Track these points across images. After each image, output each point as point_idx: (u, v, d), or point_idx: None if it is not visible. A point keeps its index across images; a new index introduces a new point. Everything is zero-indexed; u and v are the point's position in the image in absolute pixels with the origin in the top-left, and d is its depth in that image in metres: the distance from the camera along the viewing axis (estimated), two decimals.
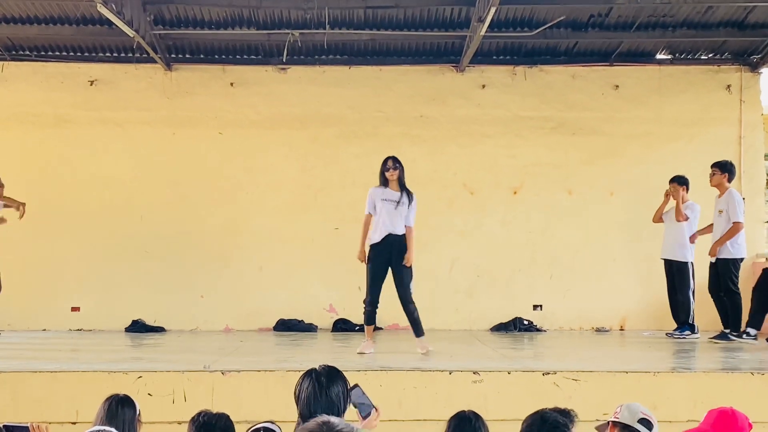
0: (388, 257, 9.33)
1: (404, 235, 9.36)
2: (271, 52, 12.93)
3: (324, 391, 4.33)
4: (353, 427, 3.41)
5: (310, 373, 4.44)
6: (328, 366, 4.52)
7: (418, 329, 9.41)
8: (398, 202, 9.33)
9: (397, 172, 9.39)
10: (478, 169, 13.02)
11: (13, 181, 11.50)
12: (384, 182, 9.47)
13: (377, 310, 9.45)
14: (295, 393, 4.44)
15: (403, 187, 9.45)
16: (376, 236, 9.37)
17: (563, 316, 12.91)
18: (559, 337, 12.16)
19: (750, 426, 4.50)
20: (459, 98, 13.06)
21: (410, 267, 9.35)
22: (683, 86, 13.10)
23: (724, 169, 11.00)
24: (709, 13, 12.04)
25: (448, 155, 12.89)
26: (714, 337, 10.77)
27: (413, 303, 9.35)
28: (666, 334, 11.48)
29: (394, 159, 9.48)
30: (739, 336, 10.59)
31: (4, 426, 4.52)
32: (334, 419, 3.35)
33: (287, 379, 6.97)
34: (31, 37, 12.54)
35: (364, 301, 9.45)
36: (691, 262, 11.35)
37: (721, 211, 10.87)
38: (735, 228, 10.71)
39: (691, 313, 11.29)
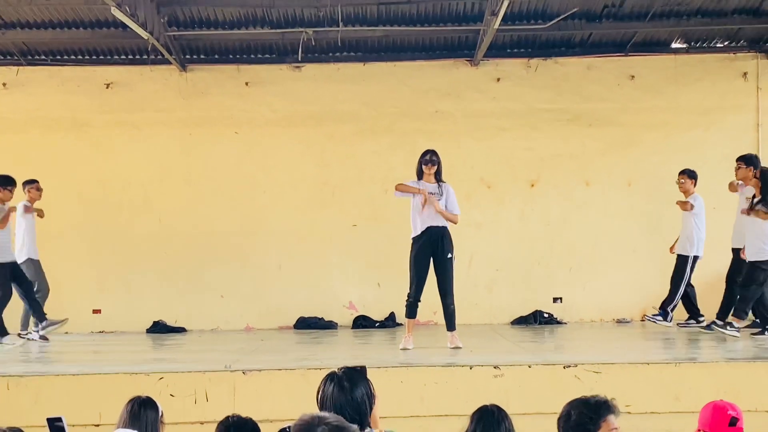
0: (432, 250, 9.37)
1: (445, 226, 9.40)
2: (286, 51, 12.94)
3: (348, 394, 4.21)
4: (343, 421, 3.45)
5: (332, 377, 4.31)
6: (349, 367, 4.41)
7: (451, 323, 9.47)
8: (435, 194, 9.35)
9: (435, 166, 9.44)
10: (495, 162, 13.00)
11: None
12: (420, 174, 9.49)
13: (419, 304, 9.47)
14: (317, 398, 4.31)
15: (439, 179, 9.47)
16: (417, 229, 9.41)
17: (583, 308, 12.89)
18: (580, 330, 12.13)
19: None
20: (474, 92, 13.04)
21: (452, 259, 9.40)
22: (699, 75, 13.03)
23: (749, 162, 10.82)
24: (723, 1, 11.97)
25: (465, 149, 12.85)
26: (755, 333, 10.52)
27: (452, 297, 9.44)
28: (677, 324, 11.40)
29: (433, 152, 9.49)
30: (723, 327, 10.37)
31: (47, 419, 4.61)
32: (325, 414, 3.40)
33: (308, 378, 6.98)
34: (46, 41, 12.61)
35: (408, 295, 9.47)
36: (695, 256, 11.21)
37: (749, 198, 10.63)
38: None
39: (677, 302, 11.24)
